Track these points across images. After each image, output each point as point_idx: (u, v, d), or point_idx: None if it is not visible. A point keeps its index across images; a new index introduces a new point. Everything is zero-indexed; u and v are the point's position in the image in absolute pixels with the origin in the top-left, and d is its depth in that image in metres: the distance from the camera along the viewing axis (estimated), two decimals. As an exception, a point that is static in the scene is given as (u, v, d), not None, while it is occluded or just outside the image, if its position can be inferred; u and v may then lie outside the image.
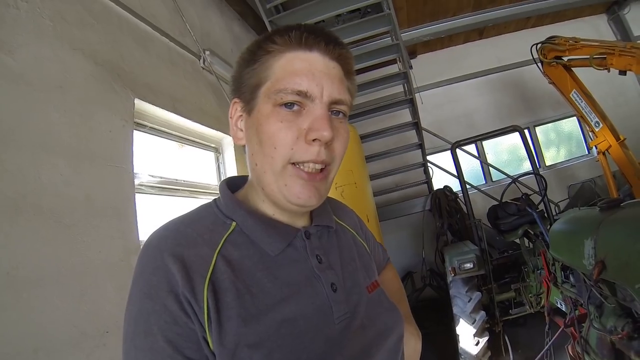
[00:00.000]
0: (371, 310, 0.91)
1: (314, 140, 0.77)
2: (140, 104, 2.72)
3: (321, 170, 0.81)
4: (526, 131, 6.79)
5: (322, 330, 0.79)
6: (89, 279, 1.97)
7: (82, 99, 2.23)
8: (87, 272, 1.97)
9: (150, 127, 2.94)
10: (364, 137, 5.57)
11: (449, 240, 5.77)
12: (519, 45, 6.40)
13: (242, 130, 0.88)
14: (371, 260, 1.07)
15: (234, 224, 0.84)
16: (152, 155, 2.98)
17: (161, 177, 2.92)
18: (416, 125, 5.62)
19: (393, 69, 5.88)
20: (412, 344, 1.07)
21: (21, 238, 1.74)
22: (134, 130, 2.59)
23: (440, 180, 6.76)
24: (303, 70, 0.78)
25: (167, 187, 2.99)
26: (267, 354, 0.71)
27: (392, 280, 1.27)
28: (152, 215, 2.69)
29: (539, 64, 5.04)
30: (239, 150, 3.79)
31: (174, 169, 3.20)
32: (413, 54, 7.66)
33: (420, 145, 5.95)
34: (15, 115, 1.86)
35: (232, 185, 0.95)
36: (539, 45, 4.97)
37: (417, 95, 5.55)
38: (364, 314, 0.88)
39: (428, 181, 6.52)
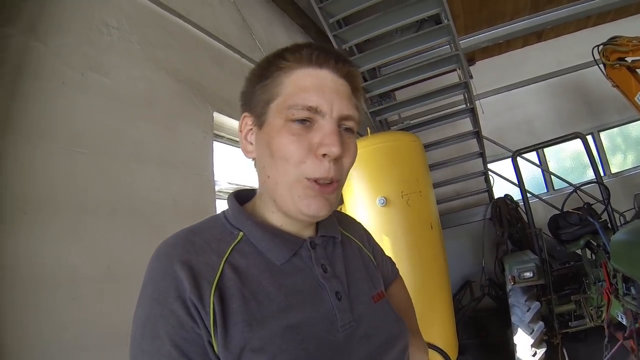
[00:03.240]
0: (376, 320, 0.92)
1: (323, 155, 0.79)
2: (219, 117, 2.95)
3: (331, 182, 0.83)
4: (590, 137, 6.39)
5: (326, 337, 0.81)
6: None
7: (168, 113, 2.48)
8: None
9: (228, 138, 3.18)
10: (425, 147, 5.56)
11: (509, 250, 5.60)
12: (580, 46, 6.13)
13: (251, 143, 0.91)
14: (377, 272, 1.09)
15: (241, 234, 0.86)
16: (230, 164, 3.18)
17: (238, 185, 3.14)
18: (477, 134, 5.59)
19: (453, 76, 5.84)
20: (419, 358, 1.11)
21: (118, 236, 1.98)
22: (214, 141, 2.82)
23: (501, 188, 6.63)
24: (313, 86, 0.81)
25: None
26: (271, 358, 0.73)
27: (401, 294, 1.29)
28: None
29: (601, 66, 4.66)
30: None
31: (250, 177, 3.37)
32: (472, 60, 7.53)
33: (481, 154, 5.89)
34: (112, 129, 2.13)
35: (240, 197, 0.98)
36: (600, 47, 4.58)
37: (477, 103, 5.49)
38: (368, 323, 0.89)
39: (489, 190, 6.42)
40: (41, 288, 1.62)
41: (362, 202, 3.75)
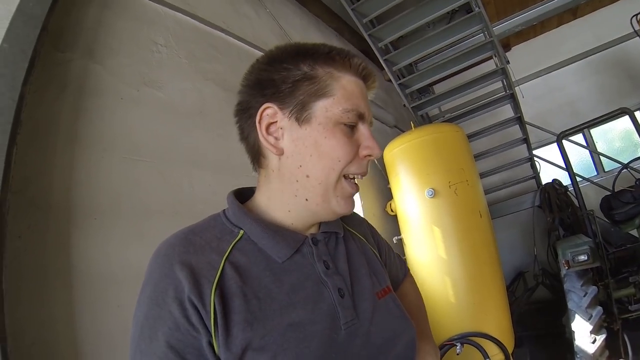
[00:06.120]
0: (379, 317, 0.91)
1: (366, 156, 0.88)
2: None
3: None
4: (638, 113, 6.20)
5: (328, 335, 0.80)
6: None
7: (219, 121, 2.61)
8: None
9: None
10: (468, 137, 5.47)
11: (561, 236, 5.32)
12: (618, 18, 5.76)
13: (277, 138, 0.87)
14: (382, 267, 1.08)
15: (241, 232, 0.86)
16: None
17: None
18: (519, 119, 5.47)
19: (489, 65, 5.76)
20: None
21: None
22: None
23: (548, 174, 6.33)
24: (360, 94, 0.87)
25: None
26: (272, 357, 0.73)
27: (411, 295, 1.28)
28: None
29: (642, 36, 4.44)
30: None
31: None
32: (507, 46, 7.30)
33: (525, 140, 5.74)
34: (170, 138, 2.28)
35: (240, 196, 0.99)
36: (638, 16, 4.47)
37: (517, 88, 5.35)
38: (371, 320, 0.89)
39: (536, 176, 6.22)
40: (110, 286, 1.73)
41: (411, 194, 3.82)
